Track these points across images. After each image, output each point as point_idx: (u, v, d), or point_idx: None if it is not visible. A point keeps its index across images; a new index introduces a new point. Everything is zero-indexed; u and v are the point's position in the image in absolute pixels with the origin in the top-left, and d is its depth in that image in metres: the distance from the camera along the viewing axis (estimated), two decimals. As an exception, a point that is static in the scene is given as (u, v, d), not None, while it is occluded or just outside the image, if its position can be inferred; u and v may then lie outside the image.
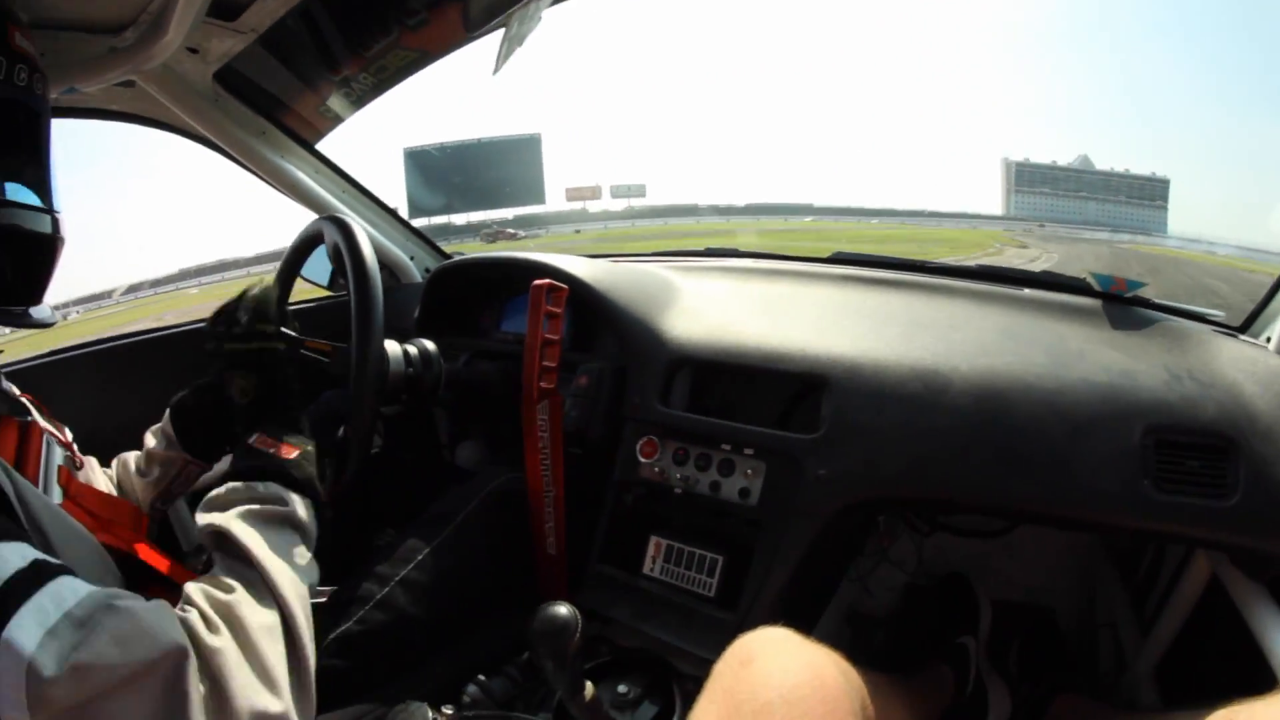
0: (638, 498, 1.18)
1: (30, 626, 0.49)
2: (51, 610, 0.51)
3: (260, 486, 0.75)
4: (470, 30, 1.19)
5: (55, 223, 0.78)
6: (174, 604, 0.64)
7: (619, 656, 1.08)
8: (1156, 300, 1.23)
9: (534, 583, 1.15)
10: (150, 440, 1.05)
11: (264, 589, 0.67)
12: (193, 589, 0.65)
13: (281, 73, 1.37)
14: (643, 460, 1.15)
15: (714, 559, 1.08)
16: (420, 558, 1.02)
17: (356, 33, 1.28)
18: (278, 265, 1.22)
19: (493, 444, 1.52)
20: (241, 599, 0.64)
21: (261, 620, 0.64)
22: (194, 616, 0.61)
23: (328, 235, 1.08)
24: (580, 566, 1.17)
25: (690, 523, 1.14)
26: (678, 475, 1.12)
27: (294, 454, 0.80)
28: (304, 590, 0.71)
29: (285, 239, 1.20)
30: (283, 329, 0.97)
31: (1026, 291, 1.31)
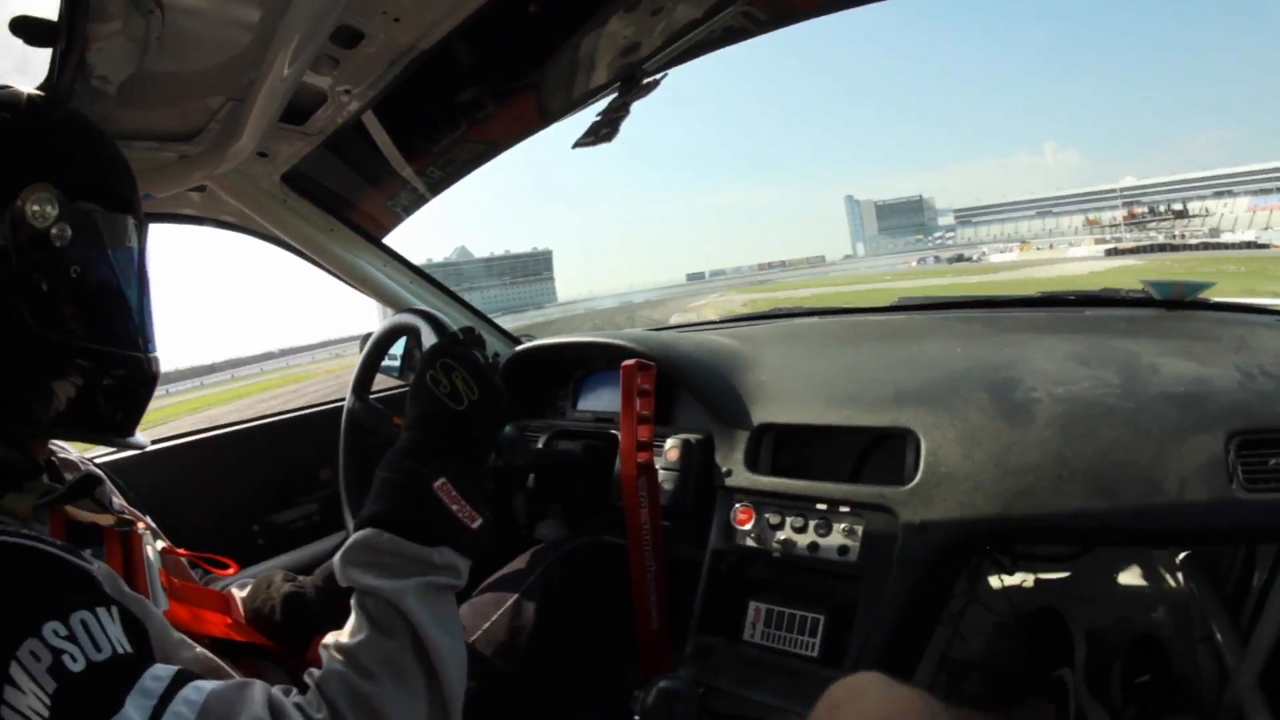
0: (731, 565, 1.17)
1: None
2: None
3: (436, 554, 0.64)
4: (547, 122, 1.24)
5: (155, 363, 0.78)
6: (290, 679, 0.64)
7: None
8: (1216, 300, 1.25)
9: (635, 656, 1.15)
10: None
11: (420, 688, 0.60)
12: (328, 676, 0.59)
13: (346, 172, 1.40)
14: (739, 528, 1.15)
15: (815, 619, 1.07)
16: (497, 615, 1.02)
17: (423, 131, 1.30)
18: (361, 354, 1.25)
19: (571, 520, 1.53)
20: (390, 697, 0.58)
21: None
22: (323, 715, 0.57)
23: (409, 326, 1.08)
24: (679, 636, 1.17)
25: (788, 585, 1.14)
26: (775, 539, 1.11)
27: (477, 523, 0.68)
28: (462, 692, 0.64)
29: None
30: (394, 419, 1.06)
31: (1088, 312, 1.32)
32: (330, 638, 0.62)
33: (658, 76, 1.10)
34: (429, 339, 1.00)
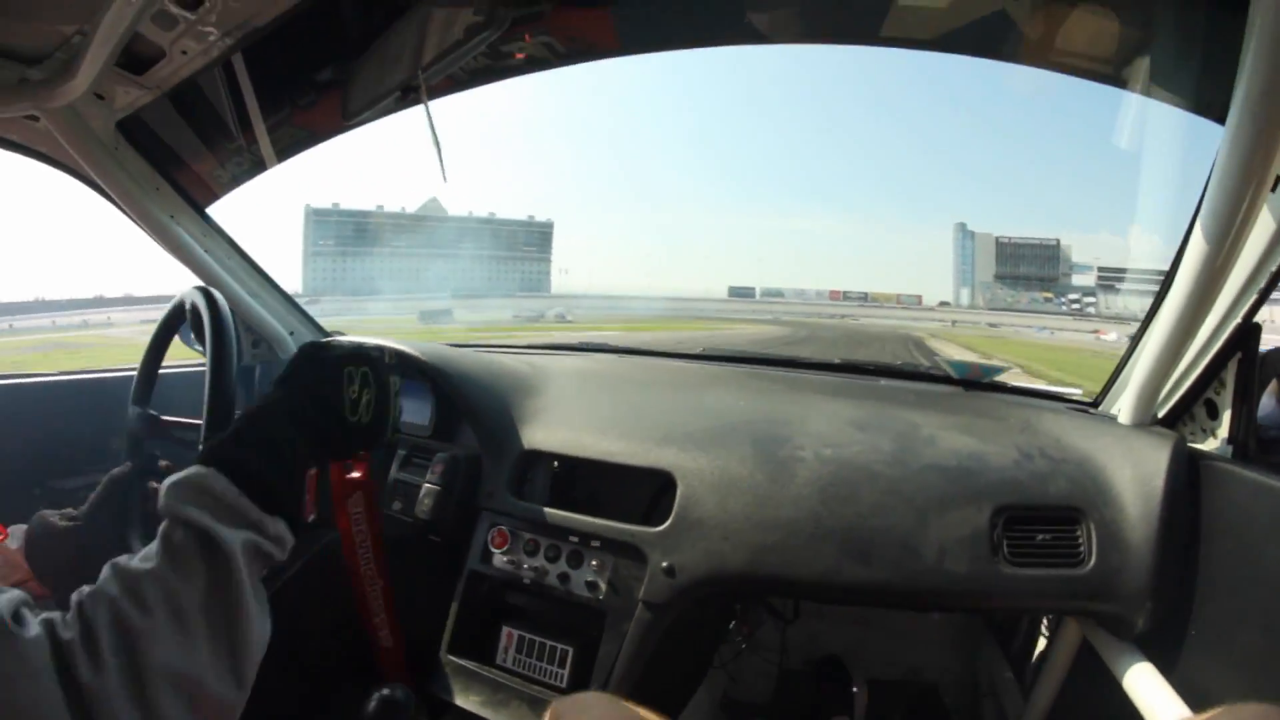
0: (491, 588, 1.16)
1: None
2: None
3: (271, 524, 0.63)
4: (346, 119, 1.26)
5: None
6: None
7: None
8: (1014, 384, 1.29)
9: (379, 672, 1.14)
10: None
11: (203, 638, 0.55)
12: (96, 598, 0.53)
13: (185, 131, 1.40)
14: (494, 551, 1.14)
15: (564, 650, 1.08)
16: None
17: (261, 103, 1.31)
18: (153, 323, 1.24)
19: None
20: (160, 637, 0.53)
21: None
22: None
23: (190, 304, 1.10)
24: (434, 653, 1.15)
25: (542, 613, 1.13)
26: (528, 566, 1.12)
27: (311, 518, 0.75)
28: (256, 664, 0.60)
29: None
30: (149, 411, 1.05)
31: (883, 382, 1.35)
32: (120, 561, 0.56)
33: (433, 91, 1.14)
34: (206, 314, 0.99)
